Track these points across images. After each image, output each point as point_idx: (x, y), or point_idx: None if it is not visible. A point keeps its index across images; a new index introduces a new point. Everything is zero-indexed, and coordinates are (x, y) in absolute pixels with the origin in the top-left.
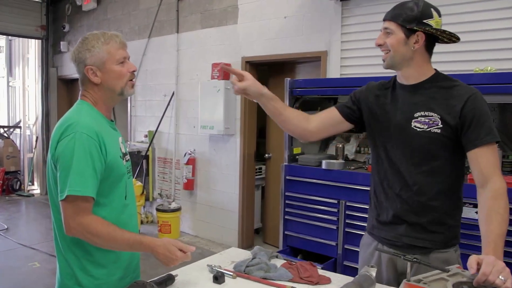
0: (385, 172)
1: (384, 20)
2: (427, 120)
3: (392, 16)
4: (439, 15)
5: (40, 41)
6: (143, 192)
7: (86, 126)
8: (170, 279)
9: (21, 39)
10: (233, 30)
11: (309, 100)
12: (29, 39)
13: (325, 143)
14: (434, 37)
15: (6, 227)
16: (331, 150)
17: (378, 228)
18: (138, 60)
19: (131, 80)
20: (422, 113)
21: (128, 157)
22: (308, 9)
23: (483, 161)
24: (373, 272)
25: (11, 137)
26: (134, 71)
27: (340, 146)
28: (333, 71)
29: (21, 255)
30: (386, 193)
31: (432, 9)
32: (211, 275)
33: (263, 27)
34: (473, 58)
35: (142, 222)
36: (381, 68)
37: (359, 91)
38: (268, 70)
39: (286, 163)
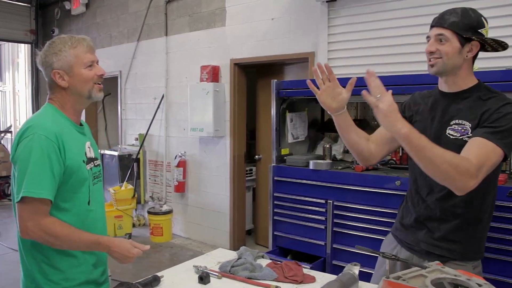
0: (416, 177)
1: (436, 26)
2: (459, 128)
3: (449, 23)
4: (488, 25)
5: (29, 45)
6: (134, 195)
7: (45, 128)
8: (156, 280)
9: (10, 43)
10: (221, 33)
11: (296, 101)
12: (19, 44)
13: (313, 143)
14: (482, 46)
15: None
16: (319, 151)
17: (400, 230)
18: (127, 63)
19: (98, 84)
20: (457, 121)
21: (98, 162)
22: (295, 10)
23: (472, 147)
24: (356, 270)
25: (2, 142)
26: (102, 75)
27: (328, 146)
28: None
29: (13, 260)
30: (413, 198)
31: (483, 18)
32: (197, 276)
33: (251, 29)
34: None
35: (134, 225)
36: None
37: (405, 102)
38: (256, 71)
39: (274, 164)
